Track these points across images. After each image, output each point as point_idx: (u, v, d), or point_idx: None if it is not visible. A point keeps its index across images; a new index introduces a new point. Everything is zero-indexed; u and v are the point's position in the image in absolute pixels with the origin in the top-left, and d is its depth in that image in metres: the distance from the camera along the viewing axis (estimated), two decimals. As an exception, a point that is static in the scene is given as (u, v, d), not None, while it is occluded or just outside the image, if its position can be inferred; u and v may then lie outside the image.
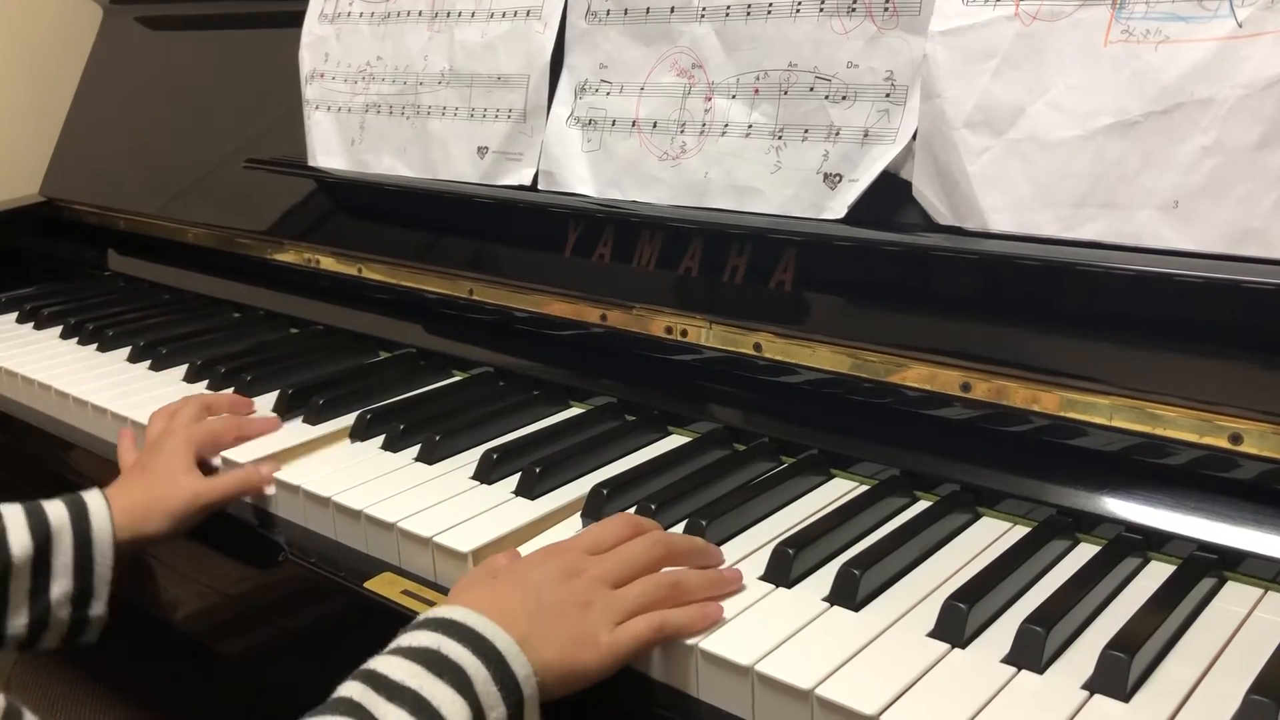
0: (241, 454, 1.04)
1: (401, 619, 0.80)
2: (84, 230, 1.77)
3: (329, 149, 1.36)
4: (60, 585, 0.88)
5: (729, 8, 1.00)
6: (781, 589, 0.77)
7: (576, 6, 1.12)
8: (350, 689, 0.65)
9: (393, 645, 0.68)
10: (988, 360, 0.85)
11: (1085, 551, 0.80)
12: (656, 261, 1.06)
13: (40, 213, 1.79)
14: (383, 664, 0.66)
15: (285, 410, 1.13)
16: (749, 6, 0.99)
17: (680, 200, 1.03)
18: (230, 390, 1.22)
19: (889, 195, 0.91)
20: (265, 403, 1.17)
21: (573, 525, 0.89)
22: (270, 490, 1.00)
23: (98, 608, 0.90)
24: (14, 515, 0.88)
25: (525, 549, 0.83)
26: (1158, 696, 0.65)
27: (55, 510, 0.90)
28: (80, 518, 0.90)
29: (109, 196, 1.71)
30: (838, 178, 0.93)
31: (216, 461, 1.05)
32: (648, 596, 0.74)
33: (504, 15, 1.18)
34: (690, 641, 0.71)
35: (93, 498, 0.92)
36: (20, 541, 0.86)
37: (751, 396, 1.01)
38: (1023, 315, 0.85)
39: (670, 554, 0.78)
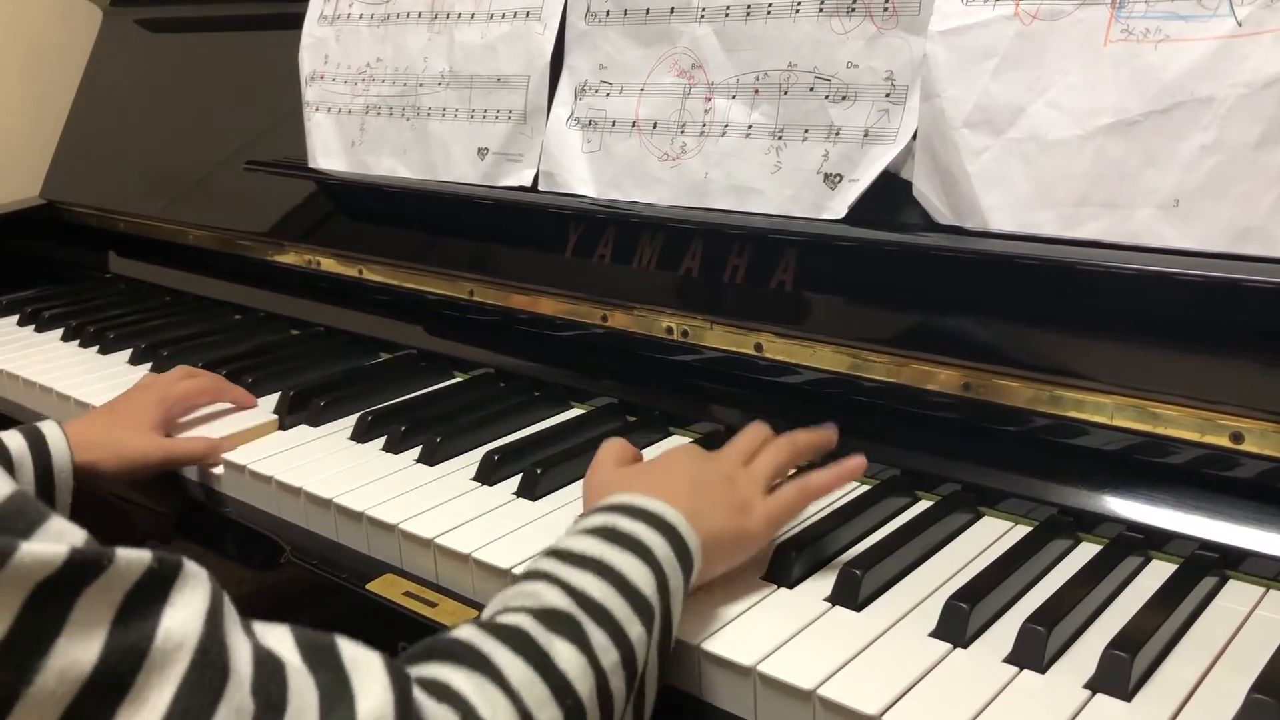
0: (239, 455, 1.04)
1: (403, 620, 0.80)
2: (85, 233, 1.77)
3: (329, 150, 1.36)
4: None
5: (728, 8, 1.00)
6: (783, 589, 0.77)
7: (576, 7, 1.12)
8: (538, 563, 0.67)
9: (571, 529, 0.70)
10: (988, 359, 0.85)
11: (1087, 551, 0.80)
12: (657, 262, 1.06)
13: (41, 215, 1.79)
14: (564, 542, 0.68)
15: (287, 412, 1.13)
16: (749, 7, 0.99)
17: (680, 201, 1.03)
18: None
19: (889, 195, 0.91)
20: (267, 404, 1.17)
21: (574, 526, 0.89)
22: (218, 470, 1.03)
23: None
24: None
25: (527, 549, 0.83)
26: (1160, 696, 0.65)
27: (14, 440, 0.92)
28: (38, 445, 0.92)
29: (109, 199, 1.71)
30: (838, 178, 0.93)
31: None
32: (776, 459, 0.82)
33: (504, 16, 1.18)
34: (693, 642, 0.71)
35: (49, 427, 0.95)
36: None
37: (753, 397, 1.01)
38: (1023, 315, 0.85)
39: (798, 454, 0.85)
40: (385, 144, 1.30)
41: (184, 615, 0.49)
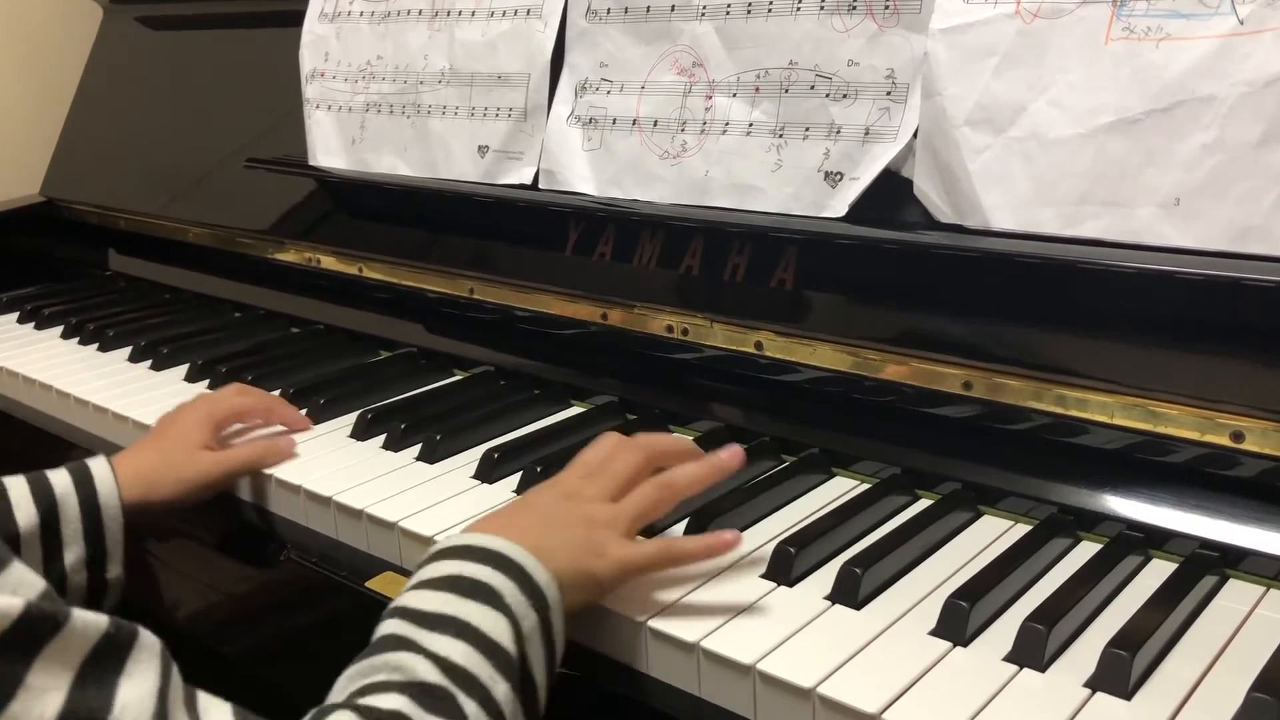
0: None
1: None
2: (85, 230, 1.77)
3: (330, 148, 1.36)
4: (73, 552, 0.87)
5: (729, 6, 1.00)
6: (783, 587, 0.77)
7: (577, 5, 1.12)
8: (391, 626, 0.65)
9: (414, 580, 0.69)
10: (989, 358, 0.85)
11: (1087, 550, 0.80)
12: (657, 260, 1.06)
13: (41, 213, 1.79)
14: (412, 599, 0.67)
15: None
16: (749, 5, 0.99)
17: (681, 199, 1.03)
18: (231, 390, 1.22)
19: (890, 193, 0.91)
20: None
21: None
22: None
23: (114, 569, 0.89)
24: (18, 487, 0.88)
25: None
26: (1160, 694, 0.65)
27: (59, 478, 0.89)
28: (84, 483, 0.89)
29: (109, 196, 1.71)
30: (839, 176, 0.93)
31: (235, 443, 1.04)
32: (646, 501, 0.78)
33: (504, 14, 1.18)
34: (692, 639, 0.71)
35: (97, 463, 0.92)
36: (26, 513, 0.86)
37: (753, 395, 1.01)
38: (1024, 313, 0.84)
39: (654, 456, 0.82)
40: (386, 142, 1.30)
41: (139, 691, 0.48)
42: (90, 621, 0.48)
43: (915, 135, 0.89)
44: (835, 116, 0.94)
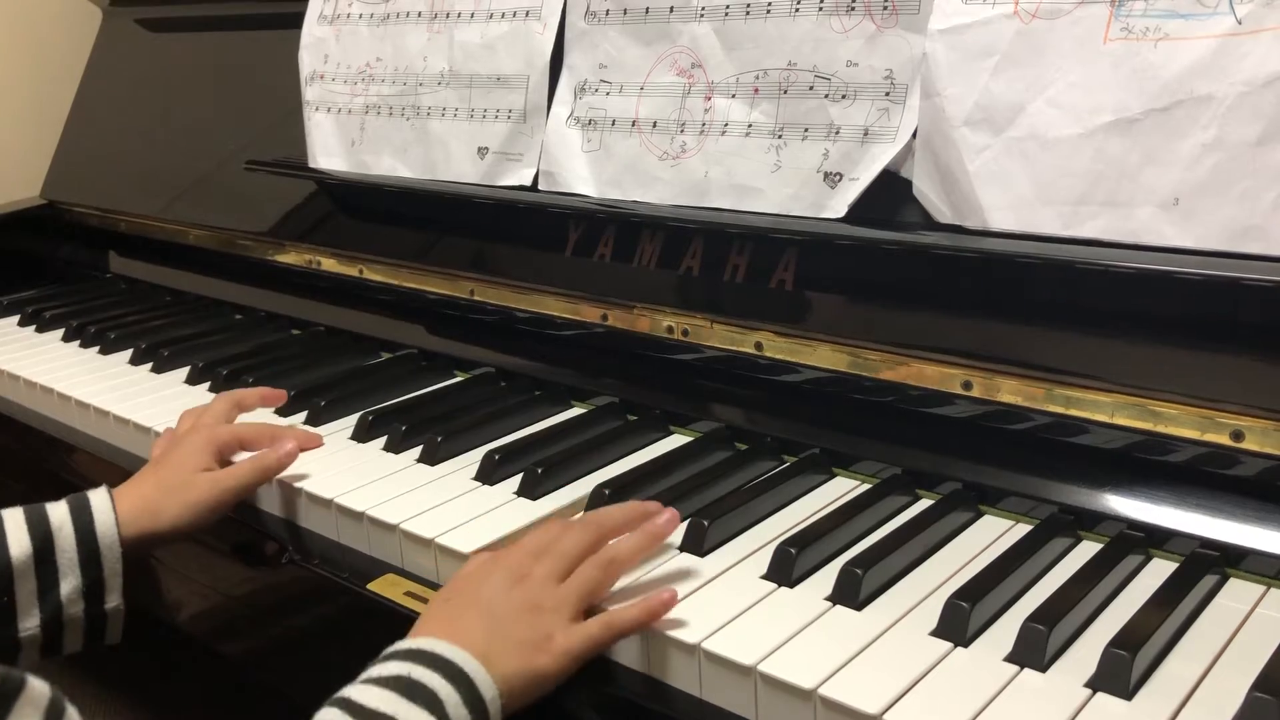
0: (239, 456, 1.01)
1: (404, 620, 0.80)
2: (85, 233, 1.77)
3: (329, 150, 1.36)
4: (68, 583, 0.86)
5: (728, 7, 1.00)
6: (784, 588, 0.77)
7: (576, 7, 1.12)
8: (329, 715, 0.66)
9: (363, 676, 0.69)
10: (989, 358, 0.85)
11: (1087, 549, 0.80)
12: (657, 261, 1.06)
13: (41, 215, 1.79)
14: (358, 693, 0.67)
15: (288, 412, 1.13)
16: (748, 6, 0.99)
17: (681, 200, 1.03)
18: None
19: (889, 194, 0.91)
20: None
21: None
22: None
23: (112, 600, 0.88)
24: (13, 517, 0.87)
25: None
26: (1160, 694, 0.65)
27: (56, 510, 0.89)
28: (81, 512, 0.88)
29: (110, 199, 1.71)
30: (838, 177, 0.93)
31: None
32: (589, 582, 0.76)
33: (503, 16, 1.18)
34: (693, 641, 0.71)
35: (95, 494, 0.91)
36: (19, 542, 0.85)
37: (753, 396, 1.01)
38: (1023, 313, 0.85)
39: (603, 532, 0.80)
40: (385, 143, 1.30)
41: None
42: None
43: (914, 136, 0.89)
44: (834, 117, 0.94)
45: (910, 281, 0.91)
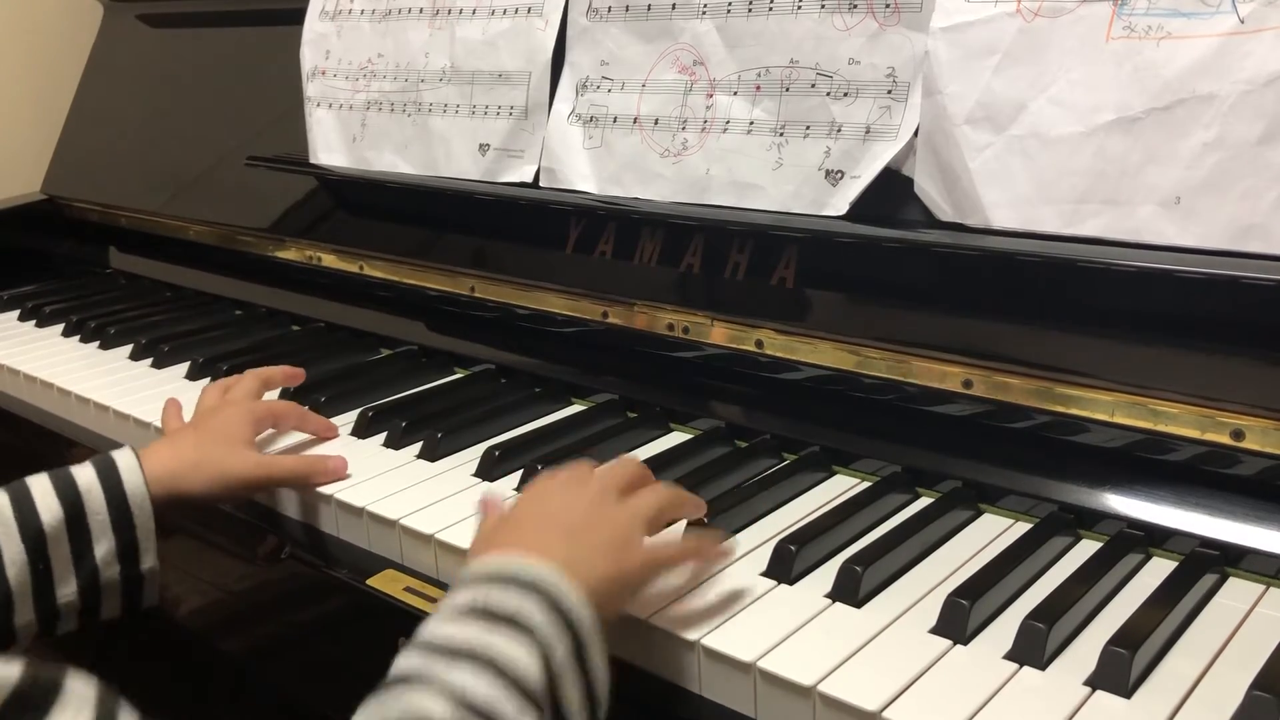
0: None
1: (404, 616, 0.80)
2: (85, 228, 1.77)
3: (330, 146, 1.36)
4: (102, 545, 0.85)
5: (730, 4, 1.00)
6: (783, 585, 0.77)
7: (577, 4, 1.12)
8: (409, 661, 0.61)
9: (441, 608, 0.64)
10: (989, 356, 0.85)
11: (1087, 548, 0.80)
12: (658, 258, 1.06)
13: (42, 210, 1.79)
14: (435, 629, 0.62)
15: (287, 407, 1.13)
16: (750, 3, 0.99)
17: (682, 197, 1.03)
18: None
19: (890, 192, 0.91)
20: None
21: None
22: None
23: (148, 560, 0.87)
24: (41, 484, 0.86)
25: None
26: (1159, 693, 0.65)
27: (83, 472, 0.87)
28: (109, 474, 0.87)
29: (110, 194, 1.71)
30: (839, 174, 0.93)
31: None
32: (662, 501, 0.75)
33: (505, 12, 1.18)
34: (692, 637, 0.71)
35: (122, 454, 0.89)
36: (49, 508, 0.84)
37: (753, 393, 1.01)
38: (1024, 311, 0.85)
39: (680, 502, 0.79)
40: (386, 140, 1.30)
41: None
42: None
43: (916, 134, 0.89)
44: (836, 115, 0.94)
45: (911, 279, 0.91)
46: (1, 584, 0.82)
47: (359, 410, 1.09)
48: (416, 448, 1.02)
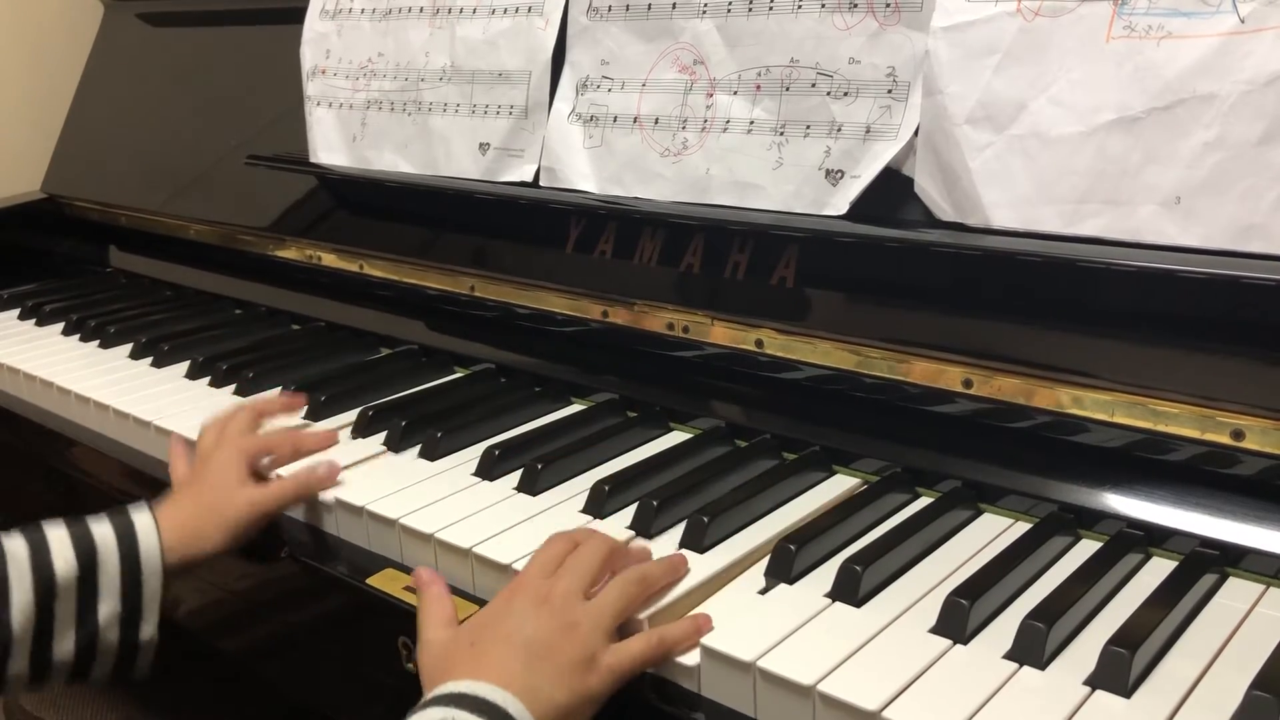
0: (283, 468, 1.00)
1: (403, 615, 0.80)
2: (85, 227, 1.77)
3: (331, 145, 1.36)
4: (106, 607, 0.85)
5: (730, 4, 1.00)
6: (783, 585, 0.77)
7: (578, 3, 1.12)
8: None
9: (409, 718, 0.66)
10: (989, 356, 0.85)
11: (1087, 548, 0.80)
12: (658, 258, 1.06)
13: (42, 209, 1.79)
14: None
15: (287, 407, 1.13)
16: (751, 3, 0.99)
17: (682, 196, 1.03)
18: (233, 387, 1.22)
19: (891, 191, 0.91)
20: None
21: (574, 522, 0.88)
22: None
23: (147, 630, 0.87)
24: (59, 535, 0.85)
25: (527, 545, 0.83)
26: (1159, 692, 0.65)
27: (101, 530, 0.87)
28: (127, 536, 0.87)
29: (110, 193, 1.71)
30: (839, 174, 0.93)
31: (272, 476, 1.01)
32: (626, 598, 0.74)
33: (505, 12, 1.18)
34: (692, 637, 0.71)
35: (140, 516, 0.89)
36: (65, 561, 0.84)
37: (753, 393, 1.01)
38: (1024, 311, 0.85)
39: (616, 548, 0.78)
40: (387, 139, 1.30)
41: None
42: None
43: (916, 133, 0.89)
44: (836, 114, 0.94)
45: (911, 279, 0.91)
46: (5, 630, 0.81)
47: (359, 409, 1.09)
48: (416, 447, 1.02)
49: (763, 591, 0.76)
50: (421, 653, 0.74)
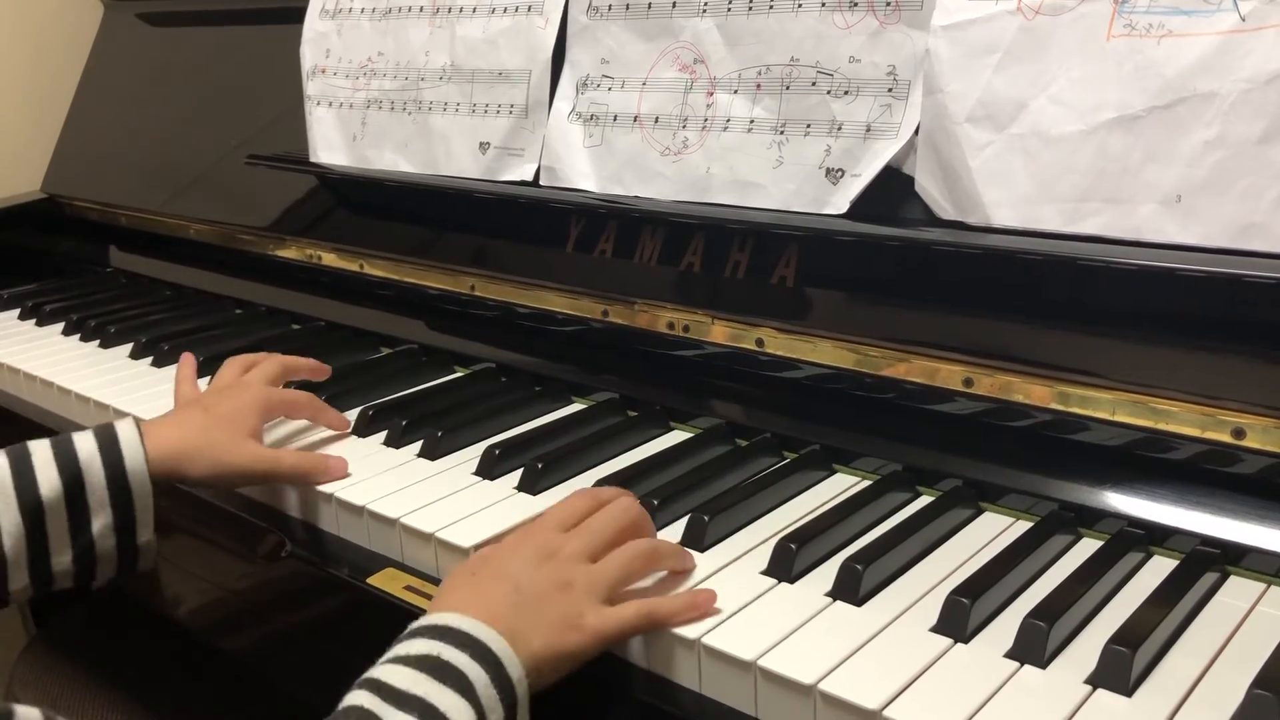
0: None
1: (404, 614, 0.80)
2: (85, 227, 1.77)
3: (331, 145, 1.36)
4: (100, 519, 0.85)
5: (730, 3, 1.00)
6: (784, 584, 0.77)
7: (578, 2, 1.12)
8: (358, 697, 0.65)
9: (391, 653, 0.68)
10: (990, 355, 0.85)
11: (1088, 546, 0.80)
12: (658, 257, 1.06)
13: (42, 209, 1.79)
14: (386, 672, 0.66)
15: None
16: (751, 1, 0.99)
17: (682, 195, 1.03)
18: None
19: (891, 190, 0.91)
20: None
21: (575, 521, 0.88)
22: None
23: (144, 535, 0.87)
24: (42, 452, 0.85)
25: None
26: (1160, 691, 0.65)
27: (84, 444, 0.86)
28: (110, 448, 0.86)
29: (110, 193, 1.71)
30: (840, 173, 0.93)
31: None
32: (627, 568, 0.75)
33: (505, 11, 1.18)
34: (693, 636, 0.71)
35: (124, 428, 0.88)
36: (49, 480, 0.84)
37: (754, 392, 1.01)
38: (1025, 310, 0.84)
39: (639, 520, 0.79)
40: (387, 138, 1.30)
41: None
42: None
43: (917, 132, 0.89)
44: (836, 113, 0.94)
45: (911, 278, 0.91)
46: None
47: (359, 409, 1.09)
48: (417, 446, 1.02)
49: (763, 590, 0.76)
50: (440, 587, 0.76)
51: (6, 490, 0.83)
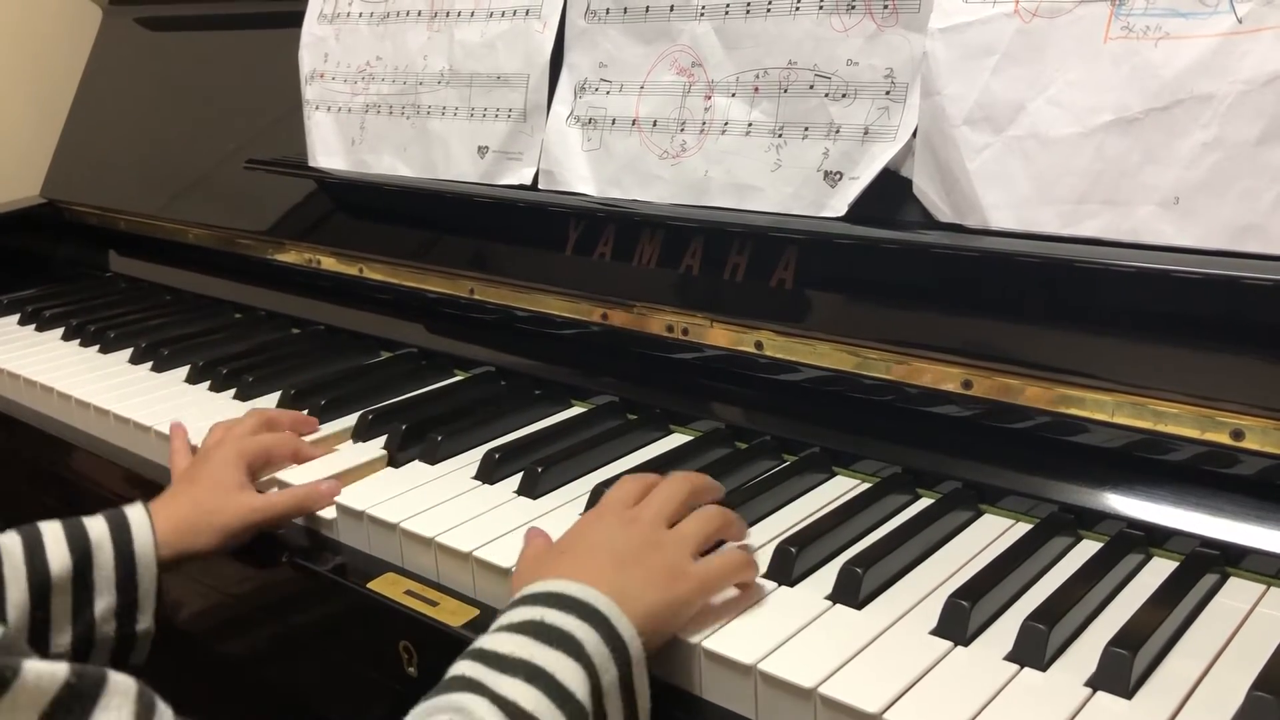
0: (295, 475, 1.00)
1: (404, 619, 0.80)
2: (85, 231, 1.77)
3: (329, 149, 1.36)
4: (103, 601, 0.86)
5: (728, 6, 1.00)
6: (784, 587, 0.77)
7: (576, 5, 1.12)
8: (461, 667, 0.64)
9: (495, 624, 0.67)
10: (989, 357, 0.85)
11: (1087, 548, 0.80)
12: (657, 260, 1.06)
13: (41, 214, 1.79)
14: (489, 641, 0.65)
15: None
16: (748, 5, 0.99)
17: (681, 199, 1.03)
18: (233, 391, 1.22)
19: (889, 193, 0.91)
20: (268, 403, 1.17)
21: (575, 524, 0.88)
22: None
23: (144, 622, 0.87)
24: (53, 532, 0.86)
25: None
26: (1160, 693, 0.65)
27: (95, 525, 0.87)
28: (121, 531, 0.87)
29: (110, 197, 1.71)
30: (838, 175, 0.93)
31: (266, 478, 1.01)
32: (709, 527, 0.77)
33: (503, 14, 1.18)
34: (693, 640, 0.71)
35: (134, 511, 0.90)
36: (59, 557, 0.84)
37: (753, 395, 1.01)
38: (1024, 312, 0.85)
39: (699, 486, 0.82)
40: (385, 142, 1.30)
41: None
42: (45, 673, 0.47)
43: (914, 135, 0.89)
44: (834, 116, 0.94)
45: (910, 280, 0.91)
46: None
47: (359, 413, 1.09)
48: (417, 450, 1.02)
49: (764, 594, 0.76)
50: (515, 582, 0.76)
51: (17, 564, 0.83)
